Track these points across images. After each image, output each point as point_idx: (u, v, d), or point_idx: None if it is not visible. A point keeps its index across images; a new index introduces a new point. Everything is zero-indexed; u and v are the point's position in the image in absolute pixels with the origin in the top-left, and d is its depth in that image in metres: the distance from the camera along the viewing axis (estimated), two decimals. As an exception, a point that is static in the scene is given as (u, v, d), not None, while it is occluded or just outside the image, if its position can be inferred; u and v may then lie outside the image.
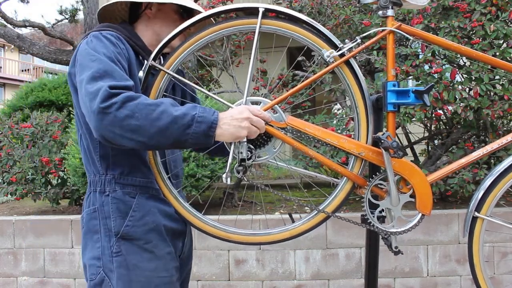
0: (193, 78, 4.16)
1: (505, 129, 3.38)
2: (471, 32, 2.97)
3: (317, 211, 1.32)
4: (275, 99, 1.26)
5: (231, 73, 4.19)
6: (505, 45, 2.97)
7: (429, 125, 3.62)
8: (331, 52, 1.26)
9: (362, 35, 1.28)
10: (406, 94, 1.29)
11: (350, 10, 3.53)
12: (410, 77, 3.12)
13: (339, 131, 3.21)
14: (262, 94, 4.03)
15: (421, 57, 3.03)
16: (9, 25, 7.01)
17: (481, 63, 2.82)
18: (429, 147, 3.74)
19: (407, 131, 3.66)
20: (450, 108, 3.00)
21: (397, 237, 1.35)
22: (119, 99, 1.10)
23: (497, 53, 2.87)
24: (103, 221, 1.27)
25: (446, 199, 3.46)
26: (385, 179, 1.30)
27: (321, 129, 1.28)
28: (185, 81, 1.31)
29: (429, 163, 3.42)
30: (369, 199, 1.30)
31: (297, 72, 4.09)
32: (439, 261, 2.99)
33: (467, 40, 2.99)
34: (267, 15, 1.26)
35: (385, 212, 1.33)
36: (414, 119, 3.05)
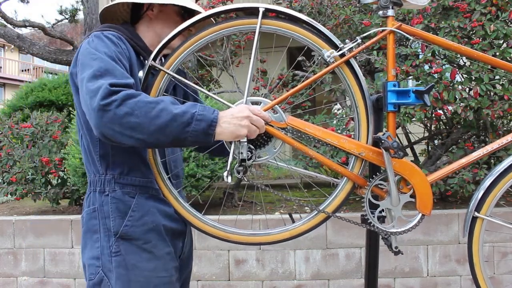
0: (193, 78, 4.15)
1: (505, 129, 3.38)
2: (471, 32, 2.97)
3: (317, 211, 1.32)
4: (275, 99, 1.26)
5: (231, 73, 4.19)
6: (505, 45, 2.97)
7: (429, 125, 3.61)
8: (332, 52, 1.26)
9: (362, 35, 1.28)
10: (406, 94, 1.29)
11: (350, 10, 3.53)
12: (410, 77, 3.12)
13: (339, 131, 3.21)
14: (262, 94, 4.03)
15: (421, 57, 3.03)
16: (9, 25, 7.01)
17: (481, 63, 2.82)
18: (429, 147, 3.74)
19: (407, 131, 3.66)
20: (450, 108, 3.00)
21: (397, 237, 1.35)
22: (119, 97, 1.10)
23: (497, 53, 2.86)
24: (103, 220, 1.27)
25: (446, 199, 3.46)
26: (385, 179, 1.30)
27: (321, 129, 1.28)
28: (185, 81, 1.30)
29: (429, 163, 3.42)
30: (369, 199, 1.30)
31: (297, 72, 4.09)
32: (439, 261, 2.99)
33: (467, 40, 2.99)
34: (267, 15, 1.26)
35: (385, 212, 1.33)
36: (414, 119, 3.05)
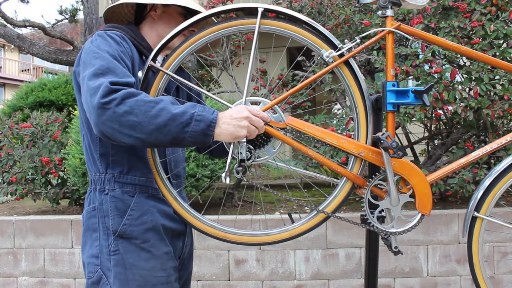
0: (192, 78, 4.15)
1: (505, 129, 3.38)
2: (471, 32, 2.97)
3: (316, 211, 1.32)
4: (275, 99, 1.26)
5: (231, 73, 4.19)
6: (505, 45, 2.97)
7: (429, 125, 3.61)
8: (330, 52, 1.26)
9: (361, 35, 1.28)
10: (405, 94, 1.29)
11: (350, 10, 3.53)
12: (410, 77, 3.12)
13: (339, 131, 3.21)
14: (262, 94, 4.03)
15: (421, 57, 3.03)
16: (9, 25, 7.01)
17: (481, 63, 2.82)
18: (429, 147, 3.73)
19: (407, 131, 3.66)
20: (450, 108, 3.00)
21: (397, 237, 1.35)
22: (119, 95, 1.11)
23: (497, 53, 2.86)
24: (102, 219, 1.28)
25: (446, 199, 3.46)
26: (385, 179, 1.30)
27: (320, 129, 1.28)
28: (184, 81, 1.30)
29: (429, 163, 3.42)
30: (368, 199, 1.30)
31: (297, 72, 4.09)
32: (439, 261, 2.99)
33: (467, 40, 2.99)
34: (266, 15, 1.26)
35: (385, 212, 1.33)
36: (414, 119, 3.05)
